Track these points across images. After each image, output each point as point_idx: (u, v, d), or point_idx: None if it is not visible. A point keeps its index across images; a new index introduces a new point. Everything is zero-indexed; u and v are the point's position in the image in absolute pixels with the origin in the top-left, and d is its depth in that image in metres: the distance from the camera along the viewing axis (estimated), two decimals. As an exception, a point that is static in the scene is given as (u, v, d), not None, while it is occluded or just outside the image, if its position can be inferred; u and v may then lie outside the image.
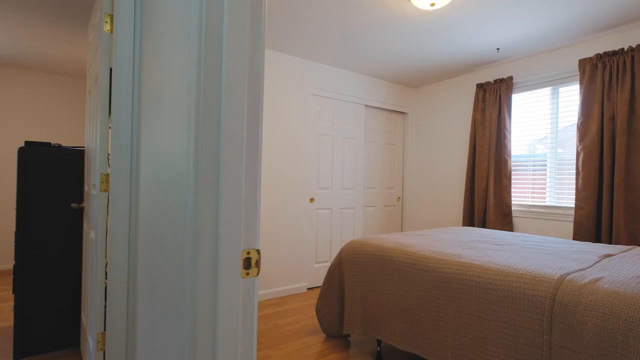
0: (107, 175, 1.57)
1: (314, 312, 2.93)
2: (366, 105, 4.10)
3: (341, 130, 3.85)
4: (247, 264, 0.69)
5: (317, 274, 3.68)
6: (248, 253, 0.69)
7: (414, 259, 1.93)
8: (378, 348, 2.21)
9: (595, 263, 1.65)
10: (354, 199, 3.96)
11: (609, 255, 1.83)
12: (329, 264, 3.78)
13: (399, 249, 2.08)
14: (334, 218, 3.80)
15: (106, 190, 1.57)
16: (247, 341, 0.67)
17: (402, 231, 4.52)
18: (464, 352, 1.62)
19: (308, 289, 3.61)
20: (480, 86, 3.69)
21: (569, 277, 1.40)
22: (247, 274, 0.69)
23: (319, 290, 3.58)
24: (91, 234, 1.77)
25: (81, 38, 3.18)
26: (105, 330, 1.58)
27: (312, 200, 3.61)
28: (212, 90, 0.63)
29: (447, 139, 4.12)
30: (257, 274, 0.71)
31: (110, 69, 1.56)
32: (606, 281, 1.33)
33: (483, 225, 3.58)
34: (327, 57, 3.48)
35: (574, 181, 3.07)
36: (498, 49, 3.20)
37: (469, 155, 3.72)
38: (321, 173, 3.69)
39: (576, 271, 1.48)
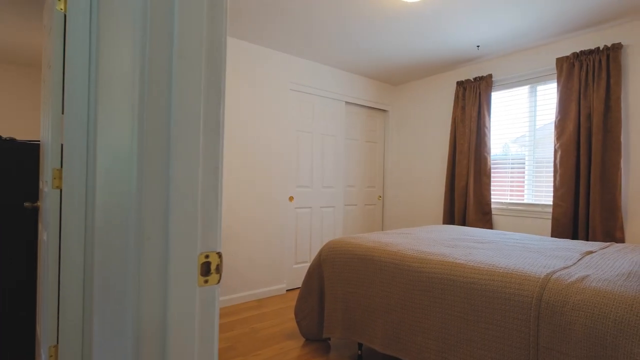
0: (60, 170, 1.41)
1: (293, 315, 2.82)
2: (346, 102, 4.02)
3: (321, 127, 3.75)
4: (206, 269, 0.58)
5: (297, 275, 3.58)
6: (207, 256, 0.58)
7: (396, 259, 1.86)
8: (359, 352, 2.13)
9: (579, 260, 1.62)
10: (334, 197, 3.88)
11: (590, 252, 1.82)
12: (308, 264, 3.68)
13: (380, 248, 2.00)
14: (313, 217, 3.70)
15: (59, 187, 1.41)
16: (204, 363, 0.56)
17: (382, 230, 4.47)
18: (447, 355, 1.56)
19: (287, 290, 3.50)
20: (460, 84, 3.68)
21: (555, 276, 1.35)
22: (206, 281, 0.58)
23: (298, 291, 3.47)
24: (44, 235, 1.60)
25: (37, 24, 2.95)
26: (58, 343, 1.42)
27: (291, 199, 3.50)
28: (161, 56, 0.52)
29: (428, 136, 4.10)
30: (218, 281, 0.60)
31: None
32: (593, 279, 1.29)
33: (463, 223, 3.58)
34: (307, 51, 3.37)
35: (552, 179, 3.10)
36: (478, 46, 3.19)
37: (449, 153, 3.71)
38: (300, 171, 3.59)
39: (561, 269, 1.44)
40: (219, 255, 0.60)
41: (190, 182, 0.56)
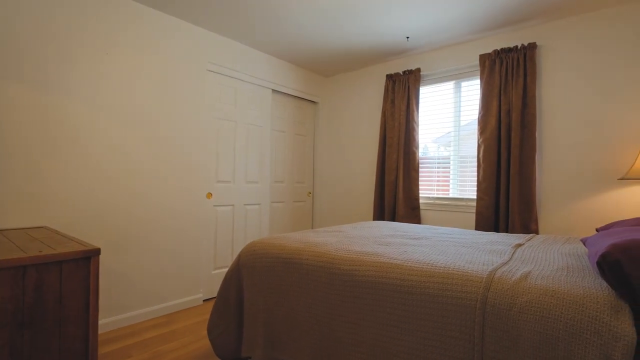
0: None
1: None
2: (274, 90, 3.70)
3: (245, 116, 3.38)
4: None
5: (216, 282, 3.16)
6: None
7: (325, 261, 1.61)
8: (283, 370, 1.84)
9: (513, 254, 1.54)
10: (260, 194, 3.53)
11: (519, 245, 1.78)
12: (230, 268, 3.28)
13: (307, 249, 1.74)
14: (236, 216, 3.31)
15: None
16: None
17: (312, 228, 4.25)
18: (383, 370, 1.34)
19: (204, 300, 3.06)
20: (389, 77, 3.61)
21: (497, 274, 1.21)
22: None
23: (218, 300, 3.06)
24: None
25: None
26: None
27: (209, 195, 3.07)
28: None
29: (359, 130, 3.98)
30: None
31: None
32: (536, 276, 1.18)
33: (393, 218, 3.51)
34: (227, 28, 2.97)
35: (476, 174, 3.16)
36: (408, 37, 3.12)
37: (379, 148, 3.62)
38: (221, 164, 3.17)
39: (501, 265, 1.32)
40: None
41: None
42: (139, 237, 2.58)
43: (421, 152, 3.54)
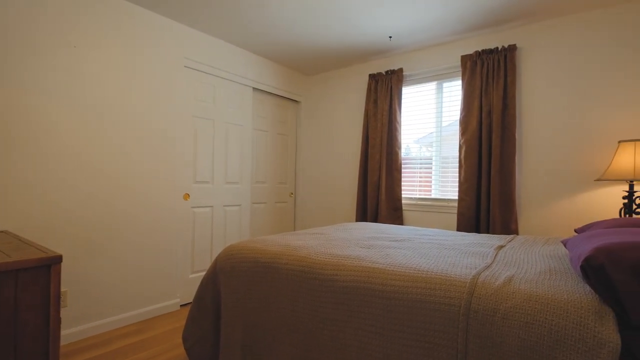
0: None
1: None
2: (254, 89, 3.61)
3: (224, 114, 3.28)
4: None
5: (194, 287, 3.05)
6: None
7: (306, 265, 1.55)
8: (262, 378, 1.77)
9: (495, 257, 1.52)
10: (241, 195, 3.44)
11: (501, 247, 1.77)
12: (209, 272, 3.17)
13: (287, 253, 1.67)
14: (215, 218, 3.21)
15: None
16: None
17: (295, 229, 4.18)
18: (364, 379, 1.30)
19: (181, 305, 2.95)
20: (372, 77, 3.58)
21: (481, 278, 1.18)
22: None
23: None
24: None
25: None
26: None
27: (186, 196, 2.96)
28: None
29: (341, 130, 3.93)
30: None
31: None
32: (519, 280, 1.15)
33: (375, 219, 3.48)
34: (207, 24, 2.87)
35: (457, 174, 3.16)
36: (390, 37, 3.09)
37: (361, 148, 3.59)
38: (199, 164, 3.06)
39: (484, 269, 1.29)
40: None
41: None
42: (110, 240, 2.45)
43: (403, 153, 3.53)
